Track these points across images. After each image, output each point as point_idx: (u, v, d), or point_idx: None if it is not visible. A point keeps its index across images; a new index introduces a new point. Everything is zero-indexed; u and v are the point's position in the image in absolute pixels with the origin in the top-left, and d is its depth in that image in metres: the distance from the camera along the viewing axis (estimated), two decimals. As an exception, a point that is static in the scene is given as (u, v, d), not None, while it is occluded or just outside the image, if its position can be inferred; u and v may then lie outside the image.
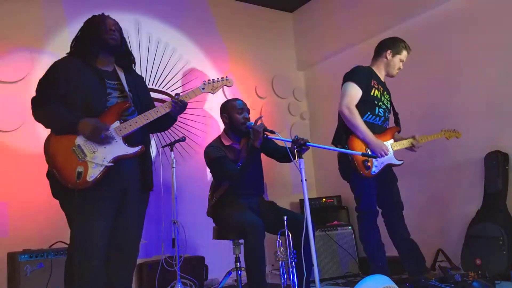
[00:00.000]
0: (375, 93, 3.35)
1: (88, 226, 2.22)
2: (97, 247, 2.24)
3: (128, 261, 2.46)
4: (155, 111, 2.43)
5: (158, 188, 4.05)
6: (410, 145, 3.42)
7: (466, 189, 3.87)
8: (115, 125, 2.33)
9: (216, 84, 2.67)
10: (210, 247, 4.02)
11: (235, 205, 3.18)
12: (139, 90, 2.58)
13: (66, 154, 2.23)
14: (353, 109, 3.21)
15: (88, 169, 2.22)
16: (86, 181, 2.20)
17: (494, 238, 3.41)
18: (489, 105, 3.76)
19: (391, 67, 3.45)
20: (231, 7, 5.32)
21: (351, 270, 4.17)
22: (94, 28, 2.46)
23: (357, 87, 3.26)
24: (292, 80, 5.63)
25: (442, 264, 3.78)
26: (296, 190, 5.08)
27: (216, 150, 3.26)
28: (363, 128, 3.20)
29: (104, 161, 2.26)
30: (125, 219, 2.39)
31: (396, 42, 3.45)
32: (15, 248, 3.33)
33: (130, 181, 2.40)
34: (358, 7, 4.93)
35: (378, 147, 3.22)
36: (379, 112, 3.36)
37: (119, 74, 2.49)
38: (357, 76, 3.30)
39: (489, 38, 3.79)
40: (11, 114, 3.71)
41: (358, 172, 3.18)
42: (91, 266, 2.22)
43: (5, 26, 3.85)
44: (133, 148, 2.35)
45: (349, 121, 3.20)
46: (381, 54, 3.44)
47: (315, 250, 2.41)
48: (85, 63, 2.42)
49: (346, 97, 3.25)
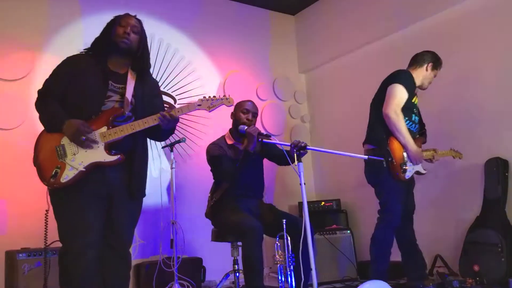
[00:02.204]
0: (415, 100, 3.37)
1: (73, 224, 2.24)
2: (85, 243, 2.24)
3: (121, 261, 2.44)
4: (144, 122, 2.38)
5: (157, 188, 4.06)
6: (431, 157, 3.44)
7: (466, 195, 3.87)
8: (101, 130, 2.32)
9: (215, 102, 2.57)
10: (208, 248, 4.01)
11: (233, 207, 3.18)
12: (147, 97, 2.52)
13: (49, 152, 2.27)
14: (400, 113, 3.19)
15: (64, 170, 2.24)
16: (60, 182, 2.22)
17: (492, 245, 3.41)
18: (489, 111, 3.76)
19: (427, 80, 3.44)
20: (234, 10, 5.32)
21: (349, 275, 4.16)
22: (111, 29, 2.44)
23: (405, 91, 3.23)
24: (293, 83, 5.63)
25: (440, 270, 3.78)
26: (295, 193, 5.08)
27: (216, 148, 3.31)
28: (407, 134, 3.19)
29: (80, 165, 2.26)
30: (114, 224, 2.38)
31: (437, 58, 3.46)
32: (13, 246, 3.33)
33: (115, 188, 2.36)
34: (360, 11, 4.93)
35: (417, 154, 3.23)
36: (415, 119, 3.37)
37: (129, 78, 2.45)
38: (407, 80, 3.29)
39: (488, 46, 3.79)
40: (12, 112, 3.71)
41: (394, 173, 3.17)
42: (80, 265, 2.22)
43: (8, 24, 3.85)
44: (112, 157, 2.32)
45: (395, 125, 3.17)
46: (422, 65, 3.42)
47: (314, 254, 2.41)
48: (96, 62, 2.41)
49: (394, 99, 3.20)
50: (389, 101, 3.21)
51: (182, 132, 4.58)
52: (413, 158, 3.22)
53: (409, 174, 3.25)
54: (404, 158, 3.21)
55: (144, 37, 2.55)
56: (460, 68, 3.99)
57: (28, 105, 3.71)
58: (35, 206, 3.60)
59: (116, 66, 2.46)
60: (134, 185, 2.42)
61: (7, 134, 3.70)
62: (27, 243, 3.38)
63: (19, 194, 3.63)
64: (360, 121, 3.64)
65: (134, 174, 2.42)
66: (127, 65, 2.48)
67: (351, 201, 4.83)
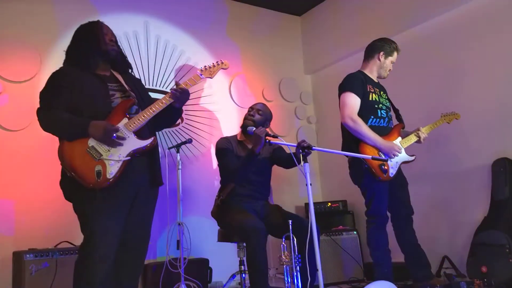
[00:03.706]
0: (373, 97, 3.34)
1: (104, 227, 2.25)
2: (111, 248, 2.27)
3: (137, 259, 2.47)
4: (160, 102, 2.45)
5: (164, 189, 4.06)
6: (417, 138, 3.41)
7: (473, 196, 3.84)
8: (124, 122, 2.36)
9: (213, 68, 2.67)
10: (215, 249, 4.01)
11: (238, 208, 3.20)
12: (140, 90, 2.63)
13: (82, 157, 2.26)
14: (356, 119, 3.20)
15: (106, 167, 2.26)
16: (107, 179, 2.24)
17: (500, 246, 3.38)
18: (497, 111, 3.74)
19: (383, 69, 3.46)
20: (240, 10, 5.33)
21: (356, 276, 4.15)
22: (93, 38, 2.49)
23: (354, 96, 3.25)
24: (299, 84, 5.63)
25: (447, 271, 3.76)
26: (302, 194, 5.07)
27: (224, 142, 3.39)
28: (371, 135, 3.19)
29: (120, 157, 2.29)
30: (134, 217, 2.41)
31: (387, 43, 3.45)
32: (21, 247, 3.35)
33: (141, 177, 2.43)
34: (366, 11, 4.93)
35: (390, 149, 3.21)
36: (381, 114, 3.35)
37: (117, 77, 2.53)
38: (352, 85, 3.30)
39: (497, 44, 3.77)
40: (20, 113, 3.73)
41: (375, 177, 3.15)
42: (105, 266, 2.24)
43: (15, 26, 3.88)
44: (146, 141, 2.39)
45: (355, 131, 3.19)
46: (373, 56, 3.45)
47: (320, 254, 2.41)
48: (84, 70, 2.44)
49: (346, 108, 3.24)
50: (343, 111, 3.26)
51: (189, 134, 4.59)
52: (387, 152, 3.20)
53: (393, 171, 3.23)
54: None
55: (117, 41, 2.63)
56: (465, 68, 3.97)
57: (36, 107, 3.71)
58: (42, 207, 3.65)
59: (101, 70, 2.51)
60: (156, 172, 2.52)
61: (14, 135, 3.72)
62: (34, 244, 3.40)
63: (27, 195, 3.65)
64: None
65: (155, 162, 2.52)
66: (109, 68, 2.56)
67: (357, 202, 4.78)
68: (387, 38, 3.50)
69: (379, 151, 3.21)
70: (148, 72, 4.47)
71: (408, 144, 3.37)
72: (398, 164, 3.27)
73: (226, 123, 4.87)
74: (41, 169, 3.63)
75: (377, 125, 3.30)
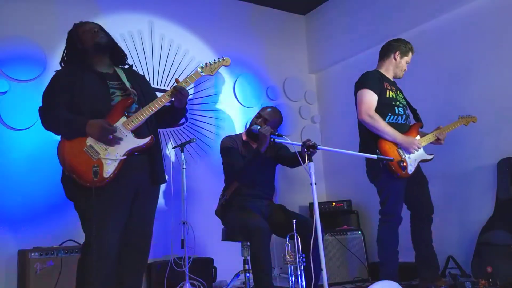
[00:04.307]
0: (390, 94, 3.35)
1: (104, 225, 2.25)
2: (113, 245, 2.28)
3: (140, 257, 2.47)
4: (159, 100, 2.44)
5: (168, 188, 4.08)
6: (435, 137, 3.42)
7: (478, 196, 3.83)
8: (122, 121, 2.37)
9: (214, 65, 2.63)
10: (219, 248, 4.01)
11: (241, 207, 3.20)
12: (143, 87, 2.62)
13: (80, 156, 2.27)
14: (374, 115, 3.19)
15: (104, 166, 2.26)
16: (103, 178, 2.25)
17: (505, 246, 3.37)
18: (502, 111, 3.72)
19: (399, 68, 3.46)
20: (244, 9, 5.33)
21: (360, 275, 4.14)
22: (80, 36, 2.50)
23: (371, 92, 3.25)
24: (303, 83, 5.62)
25: (452, 271, 3.75)
26: (306, 194, 5.06)
27: (229, 140, 3.39)
28: (389, 130, 3.18)
29: (117, 156, 2.30)
30: (135, 215, 2.42)
31: (403, 44, 3.46)
32: (26, 245, 3.36)
33: (141, 176, 2.43)
34: (370, 10, 4.91)
35: (410, 144, 3.21)
36: (399, 111, 3.35)
37: (119, 74, 2.53)
38: (369, 82, 3.30)
39: (501, 44, 3.76)
40: (25, 112, 3.74)
41: (394, 173, 3.15)
42: (106, 265, 2.25)
43: (21, 25, 3.89)
44: (143, 140, 2.39)
45: (373, 127, 3.19)
46: (389, 56, 3.44)
47: (324, 254, 2.40)
48: (85, 68, 2.46)
49: (363, 104, 3.24)
50: (360, 107, 3.25)
51: (193, 133, 4.59)
52: (406, 147, 3.20)
53: (412, 168, 3.22)
54: (401, 155, 3.19)
55: (108, 33, 2.60)
56: (470, 67, 3.96)
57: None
58: (47, 205, 3.66)
59: (103, 68, 2.52)
60: (157, 170, 2.50)
61: (20, 134, 3.73)
62: (39, 242, 3.41)
63: (32, 194, 3.66)
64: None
65: (155, 160, 2.51)
66: (110, 64, 2.57)
67: (362, 202, 4.80)
68: (402, 39, 3.50)
69: (398, 147, 3.20)
70: (152, 71, 4.48)
71: (426, 143, 3.37)
72: (416, 161, 3.27)
73: (230, 123, 4.87)
74: (46, 167, 3.64)
75: (394, 122, 3.29)
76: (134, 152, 2.36)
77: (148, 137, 2.40)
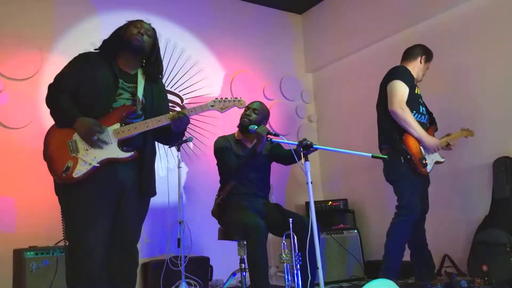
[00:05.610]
0: (418, 91, 3.38)
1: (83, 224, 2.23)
2: (96, 241, 2.23)
3: (131, 259, 2.44)
4: (157, 120, 2.39)
5: (164, 187, 4.07)
6: (446, 143, 3.44)
7: (474, 194, 3.84)
8: (114, 127, 2.32)
9: (227, 103, 2.55)
10: (215, 247, 4.01)
11: (238, 206, 3.20)
12: (156, 98, 2.54)
13: (60, 146, 2.26)
14: (405, 107, 3.20)
15: (77, 165, 2.23)
16: (72, 177, 2.21)
17: (501, 245, 3.38)
18: (498, 110, 3.73)
19: (422, 72, 3.49)
20: (241, 9, 5.32)
21: (356, 274, 4.15)
22: (124, 29, 2.45)
23: (404, 85, 3.25)
24: (300, 82, 5.62)
25: (448, 270, 3.76)
26: (302, 193, 5.07)
27: (223, 141, 3.38)
28: (418, 126, 3.20)
29: (93, 160, 2.25)
30: (123, 223, 2.36)
31: (427, 51, 3.50)
32: (21, 244, 3.35)
33: (126, 185, 2.36)
34: (367, 10, 4.92)
35: (434, 145, 3.26)
36: (422, 110, 3.38)
37: (139, 79, 2.47)
38: (403, 74, 3.30)
39: (498, 44, 3.77)
40: (21, 111, 3.73)
41: (414, 168, 3.17)
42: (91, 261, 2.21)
43: (16, 24, 3.88)
44: (126, 154, 2.32)
45: (403, 119, 3.19)
46: (416, 58, 3.46)
47: (320, 253, 2.41)
48: (106, 61, 2.42)
49: (396, 96, 3.22)
50: (392, 98, 3.23)
51: (190, 132, 4.58)
52: (430, 148, 3.24)
53: (430, 167, 3.26)
54: (422, 152, 3.22)
55: (158, 44, 2.55)
56: (467, 67, 3.96)
57: (36, 105, 3.73)
58: (43, 204, 3.65)
59: (126, 66, 2.47)
60: (144, 182, 2.43)
61: (15, 133, 3.72)
62: (35, 241, 3.40)
63: (28, 193, 3.66)
64: (367, 121, 3.63)
65: (144, 172, 2.43)
66: (137, 66, 2.50)
67: (358, 201, 4.81)
68: (426, 46, 3.52)
69: (420, 145, 3.22)
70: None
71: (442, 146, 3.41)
72: (433, 162, 3.30)
73: (227, 122, 4.86)
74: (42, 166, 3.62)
75: (418, 120, 3.28)
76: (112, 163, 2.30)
77: (131, 152, 2.33)
